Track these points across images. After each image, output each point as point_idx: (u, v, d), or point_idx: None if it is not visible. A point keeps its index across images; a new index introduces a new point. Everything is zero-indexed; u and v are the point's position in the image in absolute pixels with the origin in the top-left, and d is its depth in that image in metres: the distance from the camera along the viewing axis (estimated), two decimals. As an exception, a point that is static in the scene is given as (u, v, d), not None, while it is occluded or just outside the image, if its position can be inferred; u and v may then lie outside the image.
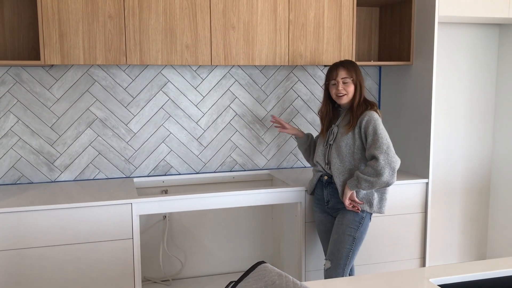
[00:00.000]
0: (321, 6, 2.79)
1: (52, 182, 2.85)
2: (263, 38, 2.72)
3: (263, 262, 1.23)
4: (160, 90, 2.95)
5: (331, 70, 2.47)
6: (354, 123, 2.38)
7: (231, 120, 3.09)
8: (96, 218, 2.36)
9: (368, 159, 2.35)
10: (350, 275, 2.50)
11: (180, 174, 3.05)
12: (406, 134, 3.10)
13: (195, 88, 3.01)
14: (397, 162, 2.29)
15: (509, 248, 3.44)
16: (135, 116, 2.93)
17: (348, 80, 2.42)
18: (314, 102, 3.22)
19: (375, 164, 2.27)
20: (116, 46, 2.51)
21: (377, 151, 2.28)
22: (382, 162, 2.26)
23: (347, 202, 2.38)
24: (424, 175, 2.91)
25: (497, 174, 3.50)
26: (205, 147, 3.07)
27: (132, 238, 2.43)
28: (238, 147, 3.13)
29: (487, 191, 3.56)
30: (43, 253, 2.31)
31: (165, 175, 3.03)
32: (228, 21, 2.65)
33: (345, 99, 2.44)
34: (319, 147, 2.55)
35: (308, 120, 3.23)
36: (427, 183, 2.89)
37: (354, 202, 2.39)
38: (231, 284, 1.21)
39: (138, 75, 2.91)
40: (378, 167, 2.26)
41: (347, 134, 2.40)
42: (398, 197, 2.82)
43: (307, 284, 1.37)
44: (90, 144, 2.88)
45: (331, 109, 2.55)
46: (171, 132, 3.00)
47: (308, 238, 2.71)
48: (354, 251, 2.39)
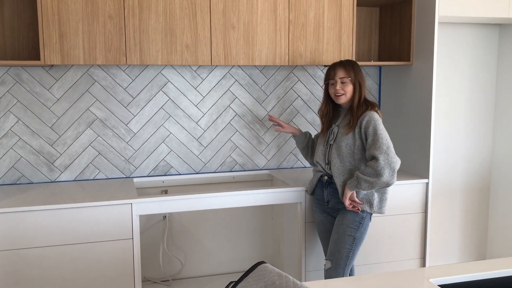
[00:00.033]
0: (321, 6, 2.79)
1: (52, 182, 2.85)
2: (263, 38, 2.72)
3: (263, 262, 1.23)
4: (160, 90, 2.95)
5: (330, 70, 2.48)
6: (355, 124, 2.38)
7: (231, 120, 3.09)
8: (96, 218, 2.36)
9: (368, 160, 2.35)
10: (350, 275, 2.50)
11: (180, 174, 3.05)
12: (406, 134, 3.09)
13: (195, 88, 3.01)
14: (397, 163, 2.29)
15: (509, 248, 3.44)
16: (135, 116, 2.93)
17: (346, 80, 2.42)
18: (314, 102, 3.22)
19: (375, 165, 2.27)
20: (116, 46, 2.51)
21: (377, 151, 2.28)
22: (382, 162, 2.26)
23: (347, 203, 2.38)
24: (424, 175, 2.91)
25: (497, 174, 3.50)
26: (205, 147, 3.07)
27: (132, 238, 2.43)
28: (238, 147, 3.13)
29: (487, 191, 3.55)
30: (43, 253, 2.31)
31: (165, 175, 3.03)
32: (228, 21, 2.65)
33: (343, 99, 2.44)
34: (319, 147, 2.55)
35: (308, 120, 3.23)
36: (427, 183, 2.89)
37: (354, 202, 2.38)
38: (231, 284, 1.21)
39: (138, 75, 2.91)
40: (378, 168, 2.26)
41: (347, 134, 2.40)
42: (398, 197, 2.82)
43: (307, 284, 1.37)
44: (90, 144, 2.88)
45: (331, 108, 2.55)
46: (171, 132, 3.00)
47: (308, 238, 2.71)
48: (354, 251, 2.39)
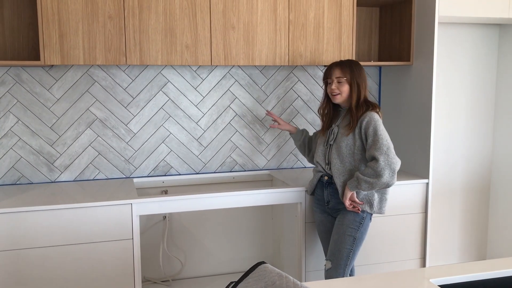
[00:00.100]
0: (321, 6, 2.79)
1: (52, 182, 2.85)
2: (263, 38, 2.72)
3: (263, 262, 1.24)
4: (160, 90, 2.95)
5: (327, 69, 2.49)
6: (355, 124, 2.38)
7: (231, 120, 3.09)
8: (96, 218, 2.36)
9: (368, 160, 2.35)
10: (350, 275, 2.50)
11: (180, 175, 3.05)
12: (406, 134, 3.09)
13: (195, 89, 3.01)
14: (397, 163, 2.28)
15: (509, 248, 3.44)
16: (135, 116, 2.93)
17: (342, 79, 2.42)
18: (314, 102, 3.22)
19: (375, 165, 2.27)
20: (116, 46, 2.51)
21: (377, 152, 2.27)
22: (382, 163, 2.25)
23: (348, 203, 2.38)
24: (424, 175, 2.91)
25: (497, 174, 3.50)
26: (205, 148, 3.07)
27: (132, 239, 2.42)
28: (238, 147, 3.13)
29: (487, 191, 3.55)
30: (43, 253, 2.31)
31: (165, 175, 3.03)
32: (228, 21, 2.65)
33: (338, 98, 2.44)
34: (319, 147, 2.55)
35: (308, 120, 3.23)
36: (427, 183, 2.89)
37: (355, 203, 2.38)
38: (231, 284, 1.21)
39: (138, 75, 2.91)
40: (378, 168, 2.26)
41: (347, 135, 2.39)
42: (398, 197, 2.82)
43: (307, 284, 1.37)
44: (90, 145, 2.88)
45: (331, 108, 2.55)
46: (171, 133, 3.00)
47: (308, 239, 2.71)
48: (355, 251, 2.39)
